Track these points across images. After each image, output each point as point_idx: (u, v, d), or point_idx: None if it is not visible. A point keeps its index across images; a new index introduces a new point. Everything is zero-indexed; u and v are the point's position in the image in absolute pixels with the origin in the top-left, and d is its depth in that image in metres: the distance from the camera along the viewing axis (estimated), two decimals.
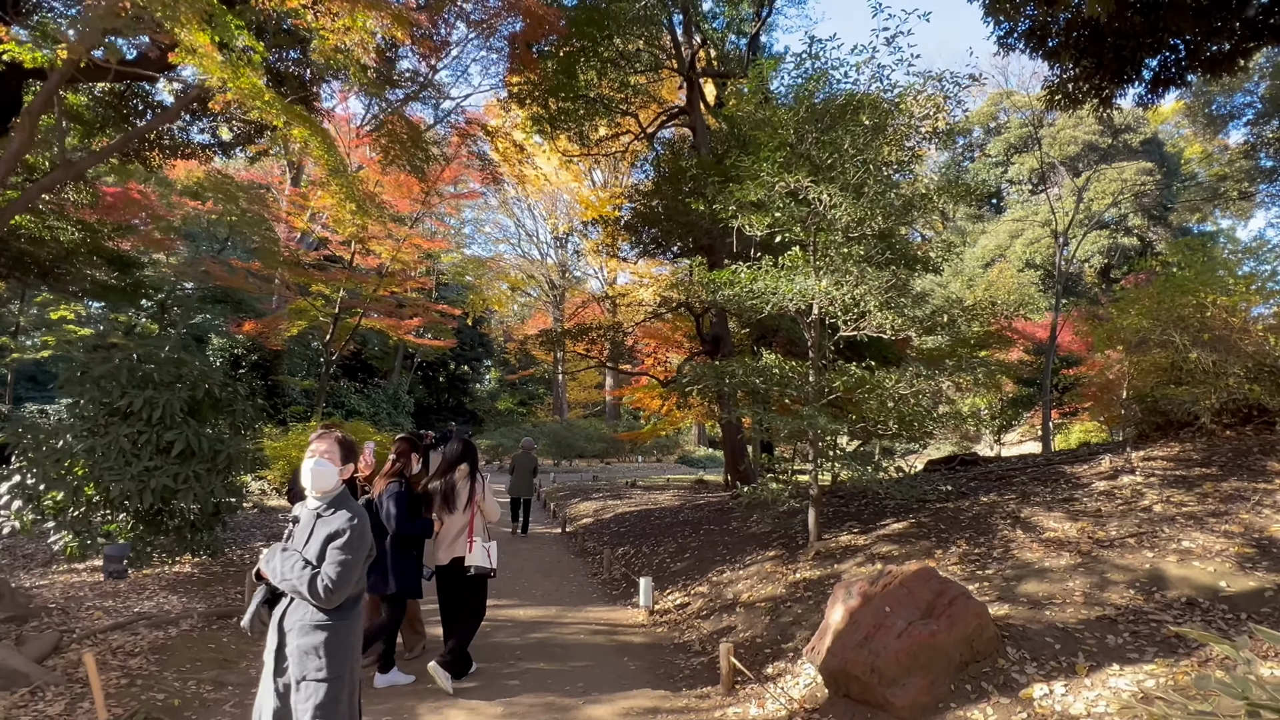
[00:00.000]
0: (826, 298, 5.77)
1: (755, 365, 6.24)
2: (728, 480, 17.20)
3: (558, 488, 18.56)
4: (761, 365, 6.14)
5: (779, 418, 5.61)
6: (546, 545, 10.31)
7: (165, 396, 7.13)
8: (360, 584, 2.83)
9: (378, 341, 34.07)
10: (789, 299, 5.80)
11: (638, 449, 32.77)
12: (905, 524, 6.48)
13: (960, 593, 3.98)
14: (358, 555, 2.72)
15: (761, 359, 6.22)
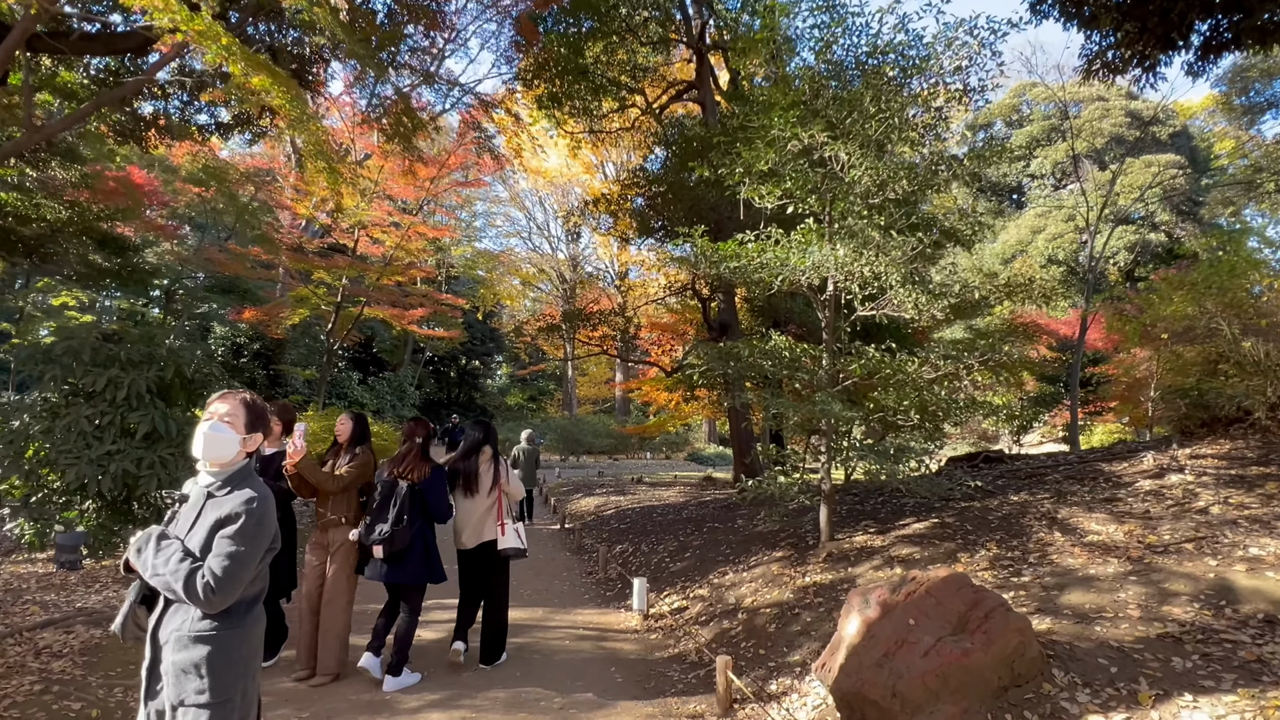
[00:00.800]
0: (843, 271, 5.17)
1: (763, 347, 5.66)
2: (737, 477, 16.61)
3: (561, 483, 18.04)
4: (770, 347, 5.56)
5: (789, 403, 5.02)
6: (542, 541, 9.78)
7: (130, 376, 6.66)
8: (259, 584, 2.28)
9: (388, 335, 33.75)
10: (801, 272, 5.21)
11: (646, 445, 32.21)
12: (927, 524, 5.87)
13: (998, 604, 3.38)
14: (253, 547, 2.16)
15: (771, 340, 5.64)
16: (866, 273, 5.14)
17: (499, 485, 4.70)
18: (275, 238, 19.34)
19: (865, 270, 5.11)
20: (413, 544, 4.20)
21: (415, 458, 4.42)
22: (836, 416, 5.07)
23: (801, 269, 5.20)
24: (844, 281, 5.42)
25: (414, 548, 4.21)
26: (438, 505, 4.37)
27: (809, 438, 7.80)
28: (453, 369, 44.88)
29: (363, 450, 4.33)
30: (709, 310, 9.59)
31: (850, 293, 5.60)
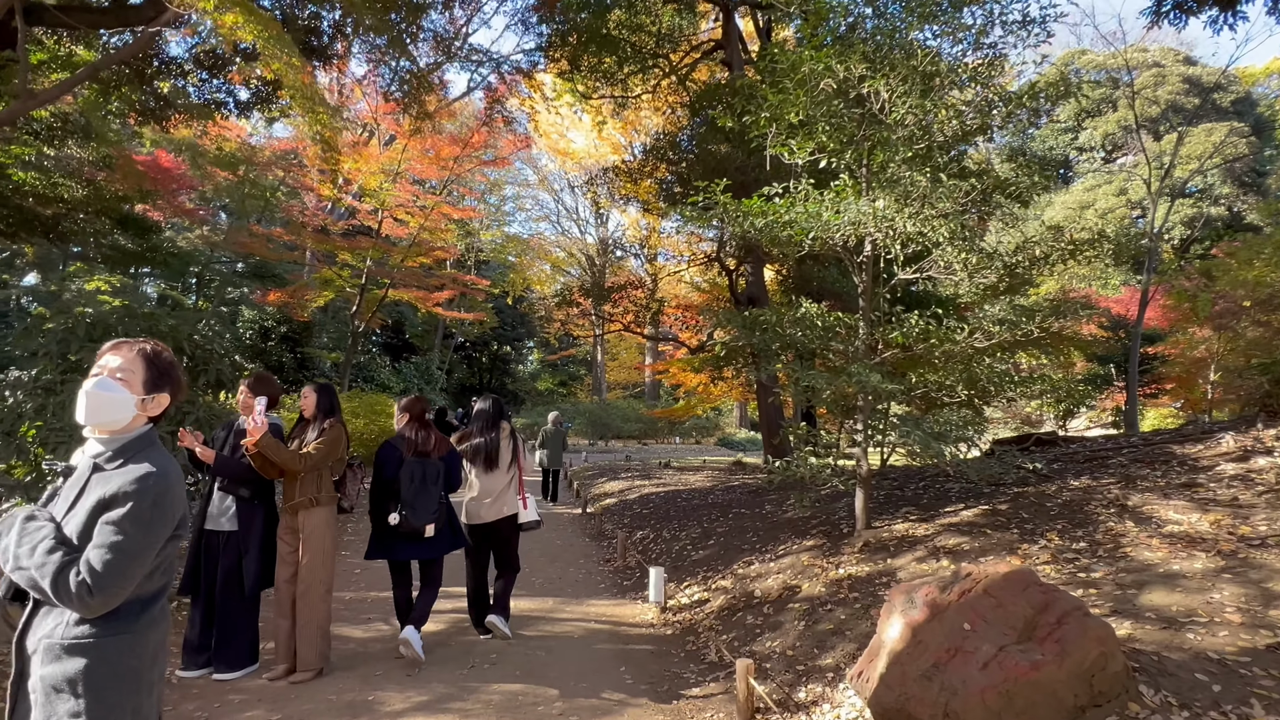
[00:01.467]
0: (883, 226, 4.58)
1: (793, 314, 5.10)
2: (767, 461, 16.03)
3: (587, 467, 17.67)
4: (801, 314, 5.00)
5: (821, 375, 4.46)
6: (561, 526, 9.38)
7: None
8: (160, 578, 1.83)
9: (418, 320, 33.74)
10: (836, 228, 4.63)
11: (676, 430, 31.73)
12: (977, 511, 5.28)
13: (1073, 607, 2.82)
14: (146, 535, 1.69)
15: (801, 307, 5.08)
16: (910, 228, 4.54)
17: (518, 460, 4.76)
18: (300, 220, 19.20)
19: (909, 225, 4.51)
20: (446, 517, 4.32)
21: (435, 434, 4.41)
22: (875, 390, 4.50)
23: (835, 224, 4.62)
24: (884, 240, 4.83)
25: (449, 521, 4.35)
26: (458, 477, 4.49)
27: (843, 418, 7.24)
28: (484, 354, 44.92)
29: (332, 424, 3.91)
30: (735, 283, 8.99)
31: (890, 253, 5.00)
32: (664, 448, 29.31)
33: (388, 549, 4.22)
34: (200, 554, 3.82)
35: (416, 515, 4.09)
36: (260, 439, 3.61)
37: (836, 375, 4.45)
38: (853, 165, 5.20)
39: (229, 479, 3.80)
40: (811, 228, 4.78)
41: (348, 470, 4.13)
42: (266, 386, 3.96)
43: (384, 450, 4.32)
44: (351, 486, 4.07)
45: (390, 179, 18.76)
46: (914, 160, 4.51)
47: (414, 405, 4.49)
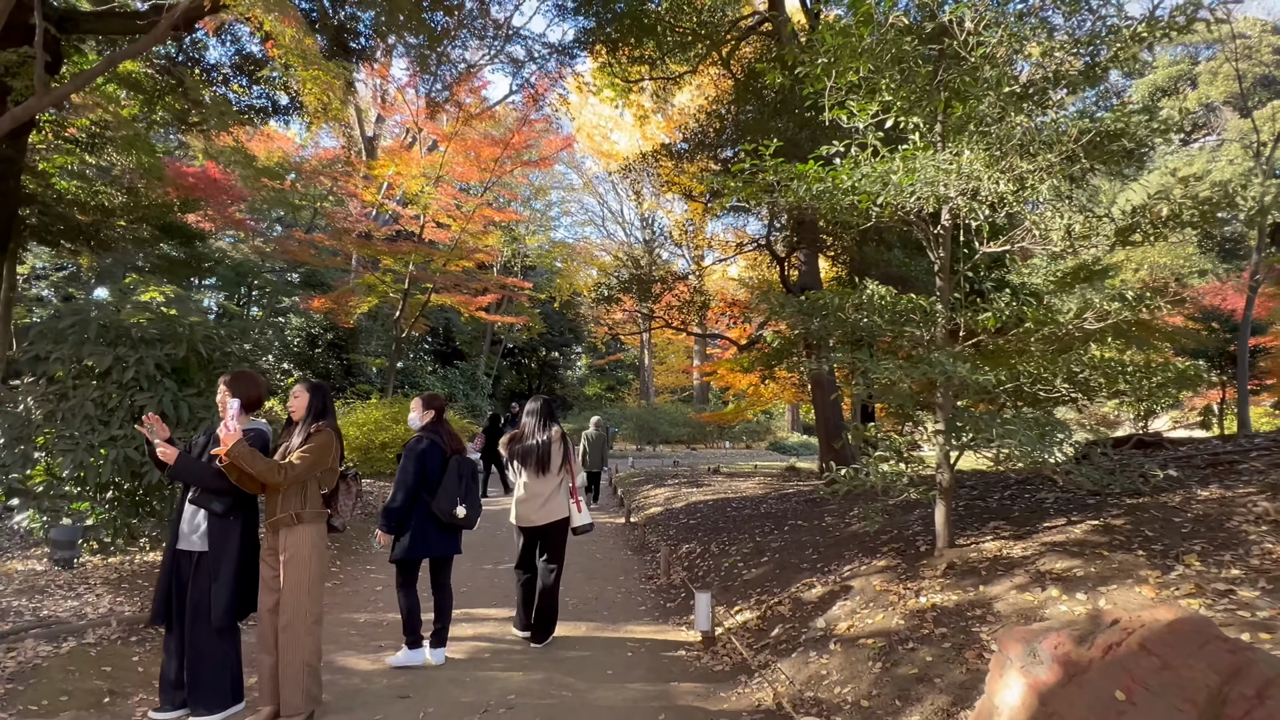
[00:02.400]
0: (970, 185, 3.81)
1: (857, 298, 4.36)
2: (822, 467, 15.10)
3: (633, 473, 17.05)
4: (866, 297, 4.26)
5: (898, 366, 3.71)
6: (603, 537, 8.75)
7: (138, 354, 6.03)
8: None
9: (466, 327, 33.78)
10: (910, 191, 3.89)
11: (726, 434, 30.89)
12: (1085, 527, 4.43)
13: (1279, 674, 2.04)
14: None
15: (866, 289, 4.34)
16: (1002, 187, 3.76)
17: (569, 464, 4.71)
18: (344, 226, 19.18)
19: (1000, 184, 3.73)
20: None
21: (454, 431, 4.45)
22: (962, 383, 3.73)
23: (909, 187, 3.87)
24: (967, 203, 4.05)
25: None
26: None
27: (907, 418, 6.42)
28: (532, 360, 44.93)
29: (320, 429, 3.36)
30: (787, 274, 8.23)
31: (975, 219, 4.21)
32: (713, 453, 28.49)
33: (429, 544, 4.17)
34: (172, 577, 3.31)
35: (473, 508, 4.21)
36: (232, 447, 3.09)
37: (914, 366, 3.70)
38: (923, 125, 4.44)
39: (199, 489, 3.28)
40: (879, 192, 4.04)
41: (341, 482, 3.57)
42: (245, 386, 3.44)
43: (423, 446, 4.23)
44: (344, 501, 3.51)
45: (431, 183, 18.57)
46: (1008, 101, 3.72)
47: (436, 400, 4.41)
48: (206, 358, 6.55)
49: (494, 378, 35.49)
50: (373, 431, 13.71)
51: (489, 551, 7.68)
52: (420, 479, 4.12)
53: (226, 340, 6.84)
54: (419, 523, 4.11)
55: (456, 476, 4.16)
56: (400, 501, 4.08)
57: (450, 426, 4.41)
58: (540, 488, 4.60)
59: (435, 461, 4.18)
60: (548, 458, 4.60)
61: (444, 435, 4.28)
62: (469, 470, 4.26)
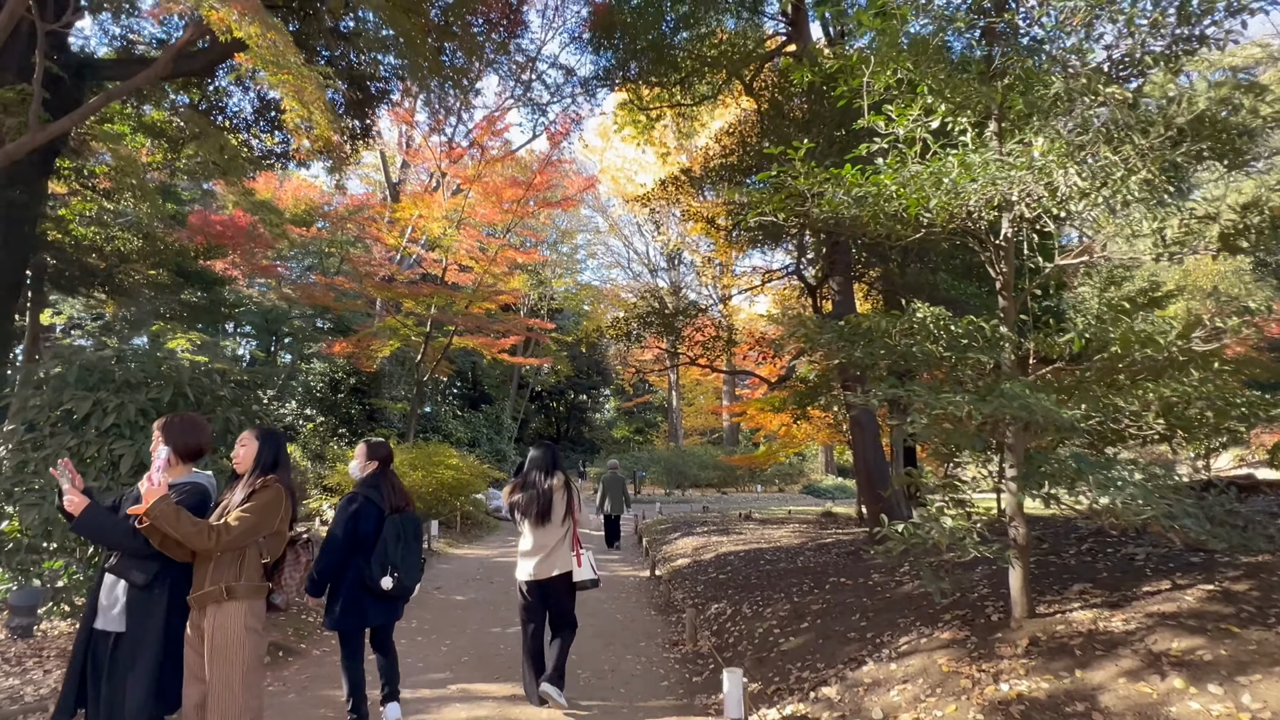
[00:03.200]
0: (1038, 182, 3.19)
1: (905, 321, 3.73)
2: (860, 513, 14.17)
3: (660, 520, 16.25)
4: (918, 320, 3.62)
5: (961, 398, 3.03)
6: (624, 594, 8.03)
7: (118, 399, 5.61)
8: None
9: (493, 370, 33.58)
10: (968, 194, 3.28)
11: (757, 477, 29.88)
12: (1198, 593, 3.65)
13: None
14: None
15: (917, 311, 3.71)
16: (1081, 182, 3.14)
17: (573, 514, 4.42)
18: (366, 270, 19.09)
19: (1078, 179, 3.11)
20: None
21: (401, 484, 4.13)
22: (1045, 418, 3.05)
23: (967, 188, 3.27)
24: (1035, 206, 3.42)
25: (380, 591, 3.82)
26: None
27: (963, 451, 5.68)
28: (560, 403, 44.60)
29: (269, 483, 2.79)
30: (820, 304, 7.60)
31: (1041, 227, 3.58)
32: (744, 497, 27.49)
33: (362, 613, 3.77)
34: (85, 661, 2.74)
35: (408, 576, 3.81)
36: (153, 504, 2.54)
37: (984, 399, 3.03)
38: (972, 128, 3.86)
39: (118, 554, 2.73)
40: (930, 196, 3.44)
41: (289, 550, 2.98)
42: (182, 432, 2.92)
43: (355, 506, 3.84)
44: (291, 574, 2.91)
45: (454, 225, 18.46)
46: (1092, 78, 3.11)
47: (381, 449, 4.10)
48: (195, 401, 6.10)
49: (521, 421, 35.09)
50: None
51: (500, 612, 7.02)
52: (351, 542, 3.73)
53: (218, 383, 6.41)
54: (352, 590, 3.73)
55: (394, 539, 3.76)
56: (323, 568, 3.70)
57: (395, 480, 4.05)
58: (543, 539, 4.32)
59: (370, 522, 3.77)
60: (549, 508, 4.31)
61: (384, 490, 3.89)
62: (411, 531, 3.88)
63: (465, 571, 9.46)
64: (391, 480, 4.01)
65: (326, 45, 12.70)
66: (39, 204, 10.17)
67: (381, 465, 4.02)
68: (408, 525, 3.88)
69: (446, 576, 9.03)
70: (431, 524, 11.58)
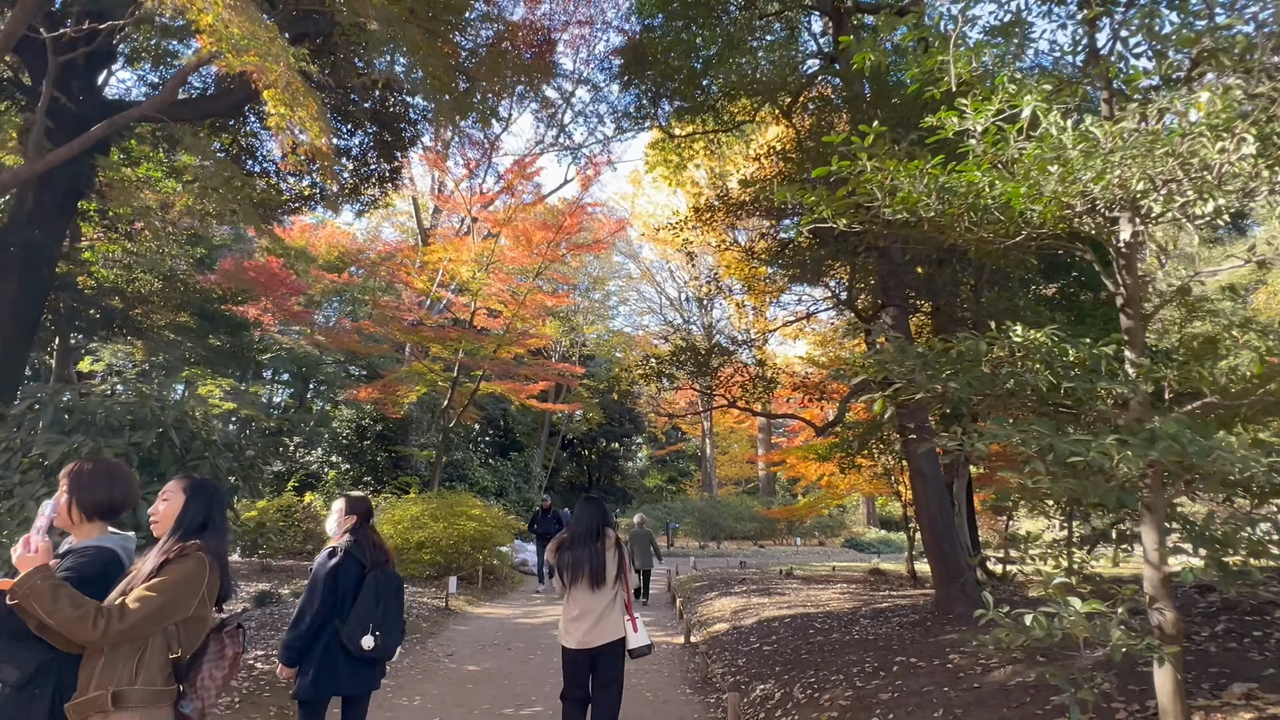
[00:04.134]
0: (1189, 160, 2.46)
1: (1002, 347, 2.97)
2: (913, 572, 13.03)
3: (694, 576, 15.23)
4: (1025, 342, 2.87)
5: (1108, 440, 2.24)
6: (657, 666, 7.12)
7: (91, 444, 5.07)
8: None
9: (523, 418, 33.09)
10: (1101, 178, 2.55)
11: (795, 530, 28.50)
12: None
13: None
14: None
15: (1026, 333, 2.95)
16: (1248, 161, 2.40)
17: (624, 574, 4.17)
18: (393, 314, 18.84)
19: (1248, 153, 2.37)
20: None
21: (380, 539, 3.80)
22: (1215, 461, 2.25)
23: (1089, 170, 2.55)
24: (1176, 192, 2.68)
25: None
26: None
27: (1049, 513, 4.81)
28: (591, 451, 43.90)
29: (189, 551, 2.11)
30: (874, 337, 6.83)
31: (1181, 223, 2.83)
32: (783, 550, 26.17)
33: (336, 680, 3.46)
34: None
35: (389, 636, 3.51)
36: (24, 578, 1.89)
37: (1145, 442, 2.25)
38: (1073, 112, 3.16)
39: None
40: (1040, 184, 2.72)
41: (213, 640, 2.27)
42: (90, 483, 2.29)
43: (335, 562, 3.53)
44: (213, 672, 2.19)
45: (483, 268, 18.18)
46: None
47: (361, 503, 3.79)
48: (182, 447, 5.55)
49: (552, 470, 34.39)
50: (408, 530, 12.54)
51: (517, 686, 6.20)
52: (331, 602, 3.46)
53: (209, 426, 5.87)
54: (328, 654, 3.43)
55: (374, 598, 3.50)
56: (303, 629, 3.41)
57: (376, 535, 3.77)
58: (593, 604, 4.01)
59: (350, 580, 3.51)
60: (602, 570, 4.01)
61: (365, 546, 3.62)
62: (391, 589, 3.61)
63: (483, 635, 8.65)
64: (372, 535, 3.72)
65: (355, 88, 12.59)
66: (57, 244, 10.01)
67: (361, 520, 3.72)
68: (388, 582, 3.61)
69: (461, 641, 8.23)
70: (450, 580, 10.83)
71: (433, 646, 7.79)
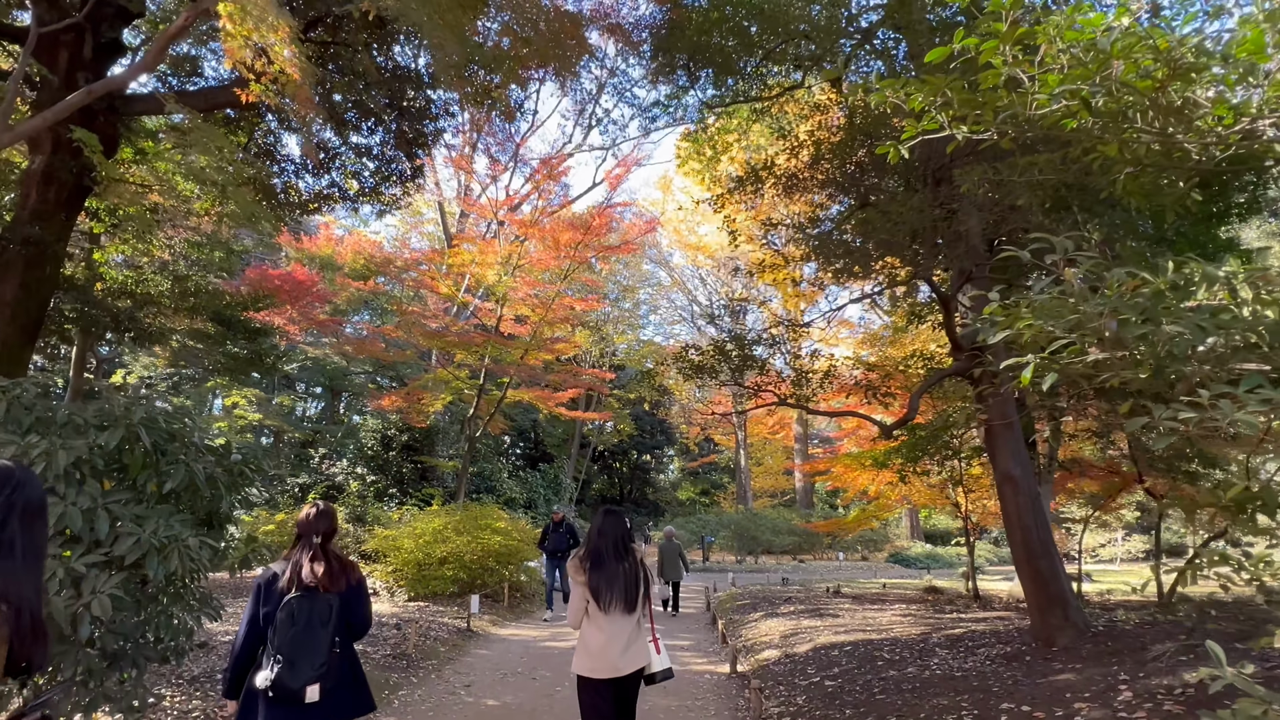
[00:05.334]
0: None
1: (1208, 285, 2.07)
2: (974, 590, 11.88)
3: (735, 593, 14.23)
4: None
5: None
6: (700, 701, 6.19)
7: (45, 445, 4.36)
8: None
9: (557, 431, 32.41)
10: None
11: (837, 544, 27.21)
12: None
13: None
14: None
15: None
16: None
17: (648, 594, 3.69)
18: (415, 319, 18.26)
19: None
20: (340, 671, 2.98)
21: (333, 559, 3.13)
22: None
23: None
24: None
25: (343, 676, 3.00)
26: (365, 616, 3.19)
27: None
28: (623, 463, 43.22)
29: None
30: (952, 321, 5.78)
31: None
32: (824, 565, 24.94)
33: None
34: None
35: (295, 673, 2.88)
36: None
37: None
38: None
39: None
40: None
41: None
42: None
43: (265, 577, 3.12)
44: None
45: (509, 272, 17.53)
46: None
47: (315, 522, 3.15)
48: (154, 450, 4.82)
49: (583, 482, 33.61)
50: (431, 544, 11.79)
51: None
52: (253, 628, 2.98)
53: (187, 427, 5.13)
54: (247, 693, 2.95)
55: (287, 622, 2.91)
56: (235, 653, 3.01)
57: (309, 551, 3.09)
58: (622, 628, 3.55)
59: (269, 599, 3.01)
60: (636, 589, 3.56)
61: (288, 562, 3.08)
62: (309, 612, 2.96)
63: (506, 661, 7.81)
64: (309, 553, 3.09)
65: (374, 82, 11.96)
66: (62, 243, 9.53)
67: (300, 537, 3.20)
68: (314, 607, 3.00)
69: (481, 668, 7.40)
70: (472, 599, 10.03)
71: (450, 675, 6.97)
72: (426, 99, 13.09)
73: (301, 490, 18.61)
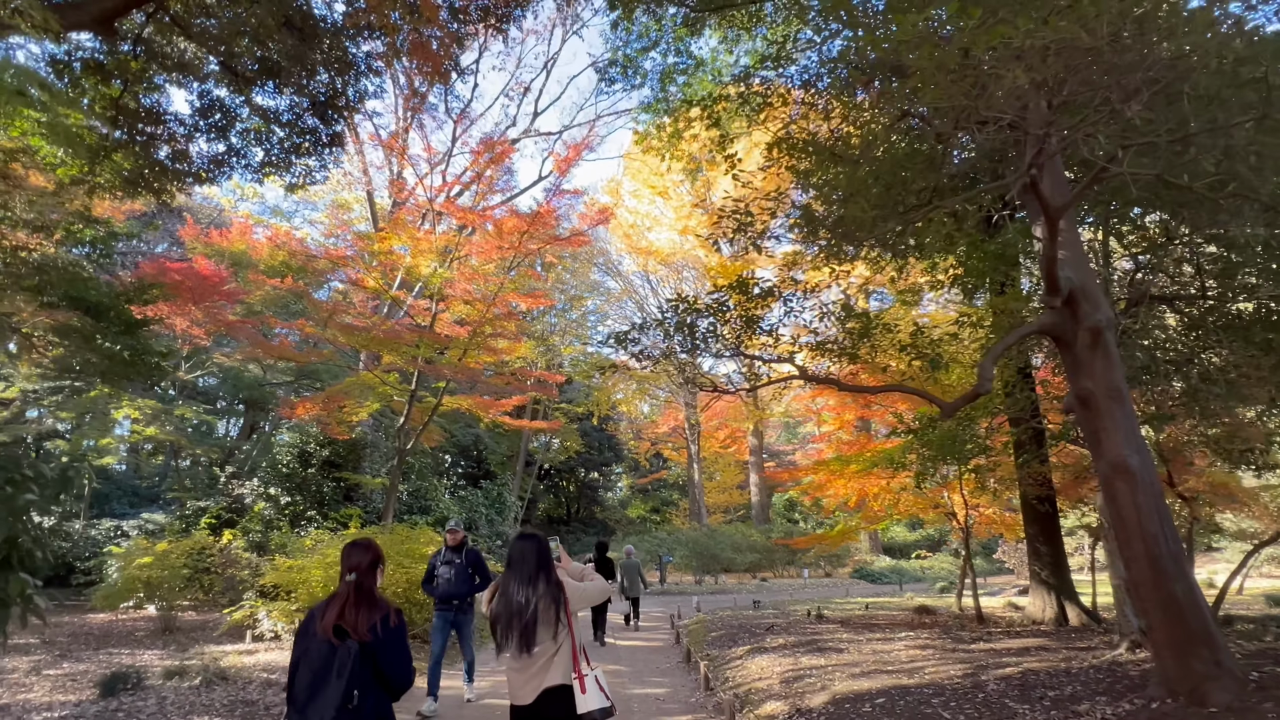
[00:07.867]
0: None
1: None
2: (975, 608, 10.51)
3: (704, 620, 12.49)
4: None
5: None
6: None
7: None
8: None
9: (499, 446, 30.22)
10: None
11: (797, 560, 25.81)
12: None
13: None
14: None
15: None
16: None
17: (569, 623, 3.16)
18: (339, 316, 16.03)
19: None
20: None
21: (360, 600, 2.76)
22: None
23: None
24: None
25: None
26: (400, 670, 2.78)
27: None
28: (570, 481, 41.41)
29: None
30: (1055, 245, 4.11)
31: None
32: (789, 584, 23.45)
33: None
34: None
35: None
36: None
37: None
38: None
39: None
40: None
41: None
42: None
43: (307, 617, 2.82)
44: None
45: (446, 263, 15.54)
46: None
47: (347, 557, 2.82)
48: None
49: (529, 501, 31.47)
50: None
51: None
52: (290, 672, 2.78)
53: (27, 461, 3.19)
54: None
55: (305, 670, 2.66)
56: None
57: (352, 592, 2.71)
58: (526, 661, 3.09)
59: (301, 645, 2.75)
60: (534, 628, 3.03)
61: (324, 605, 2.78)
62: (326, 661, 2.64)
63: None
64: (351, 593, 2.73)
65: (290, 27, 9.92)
66: None
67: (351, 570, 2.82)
68: (334, 655, 2.65)
69: None
70: None
71: None
72: (344, 53, 11.09)
73: (195, 515, 16.07)
